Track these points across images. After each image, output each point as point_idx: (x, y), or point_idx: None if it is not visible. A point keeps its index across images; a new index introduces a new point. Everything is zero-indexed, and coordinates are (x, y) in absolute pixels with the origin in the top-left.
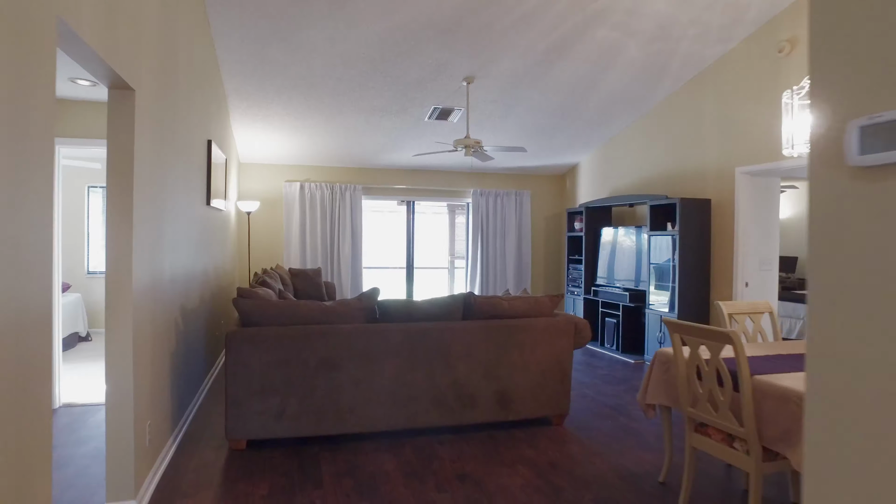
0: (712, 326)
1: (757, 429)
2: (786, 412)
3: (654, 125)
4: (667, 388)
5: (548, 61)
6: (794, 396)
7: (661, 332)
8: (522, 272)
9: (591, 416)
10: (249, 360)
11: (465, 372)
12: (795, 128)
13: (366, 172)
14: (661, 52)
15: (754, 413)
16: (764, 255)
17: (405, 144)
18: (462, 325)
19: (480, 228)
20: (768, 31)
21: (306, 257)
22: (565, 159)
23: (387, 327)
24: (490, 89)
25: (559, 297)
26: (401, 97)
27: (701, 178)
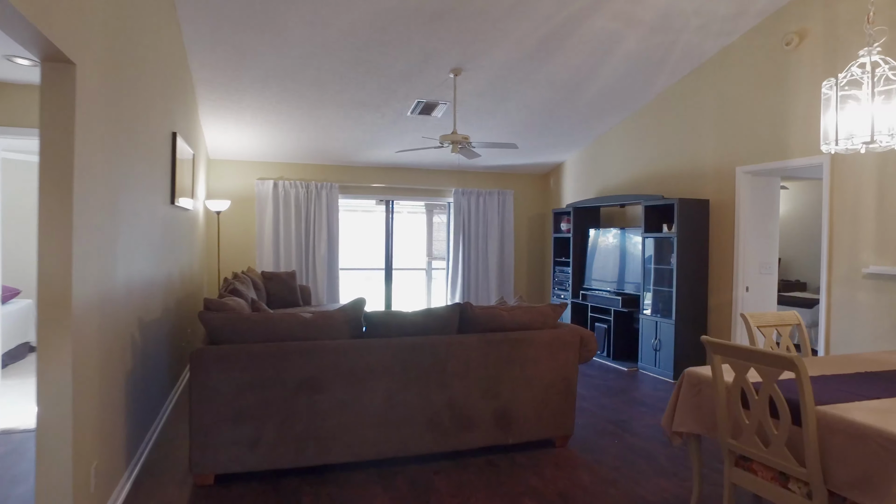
0: (767, 349)
1: (823, 470)
2: (862, 452)
3: (646, 123)
4: (698, 413)
5: (541, 53)
6: (873, 435)
7: (657, 338)
8: (505, 274)
9: (594, 435)
10: (219, 383)
11: (461, 391)
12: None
13: (343, 170)
14: (659, 46)
15: (819, 451)
16: (764, 258)
17: (386, 141)
18: (458, 338)
19: (462, 229)
20: (774, 23)
21: (280, 259)
22: (550, 158)
23: (375, 343)
24: (478, 82)
25: (562, 307)
26: (384, 90)
27: (698, 178)
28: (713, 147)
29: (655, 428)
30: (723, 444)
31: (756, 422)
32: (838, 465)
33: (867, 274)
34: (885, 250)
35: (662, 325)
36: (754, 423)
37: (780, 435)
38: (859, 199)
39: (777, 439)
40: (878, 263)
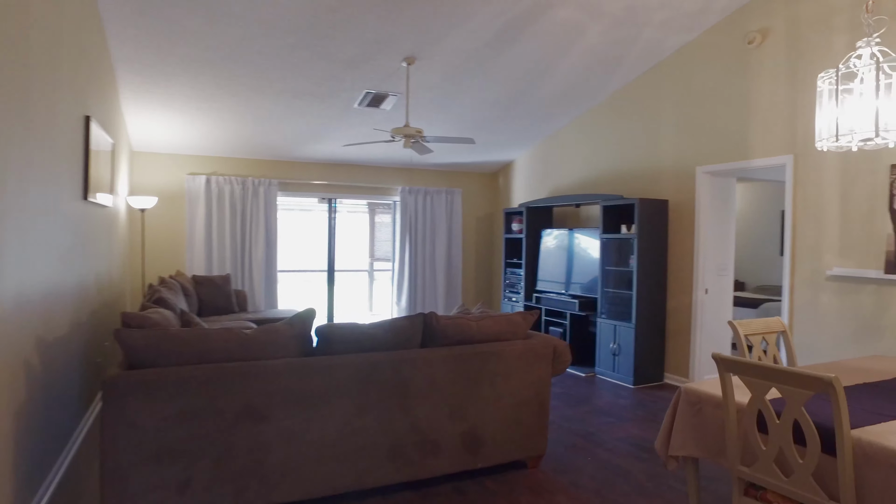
0: (797, 368)
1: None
2: None
3: (602, 121)
4: (699, 435)
5: (501, 43)
6: None
7: (616, 343)
8: (453, 276)
9: (565, 452)
10: (139, 416)
11: (426, 412)
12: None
13: (283, 166)
14: (621, 41)
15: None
16: (721, 259)
17: (330, 134)
18: (423, 353)
19: (409, 229)
20: (737, 21)
21: (213, 262)
22: (501, 156)
23: (329, 361)
24: (432, 73)
25: (533, 315)
26: (330, 78)
27: (656, 178)
28: (673, 146)
29: (626, 440)
30: (733, 472)
31: (776, 448)
32: (880, 501)
33: (830, 276)
34: (848, 252)
35: (621, 328)
36: (774, 449)
37: (806, 464)
38: (822, 200)
39: (803, 469)
40: (842, 265)
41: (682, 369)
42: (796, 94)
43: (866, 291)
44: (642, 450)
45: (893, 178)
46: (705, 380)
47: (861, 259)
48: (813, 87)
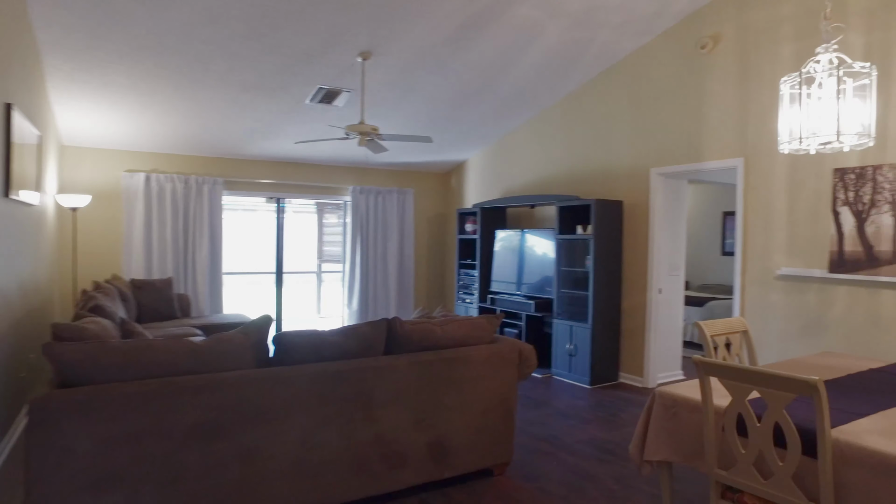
0: (779, 371)
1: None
2: (889, 488)
3: (557, 121)
4: (674, 439)
5: (459, 40)
6: None
7: (572, 343)
8: (405, 277)
9: (530, 456)
10: (74, 440)
11: (391, 423)
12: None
13: (229, 163)
14: (578, 41)
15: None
16: (673, 259)
17: (280, 131)
18: (387, 361)
19: (360, 229)
20: (690, 26)
21: (153, 265)
22: (454, 156)
23: (288, 372)
24: (388, 69)
25: (498, 319)
26: (282, 72)
27: (611, 179)
28: (627, 148)
29: (589, 443)
30: (710, 476)
31: (756, 451)
32: (858, 501)
33: (779, 275)
34: (795, 252)
35: (577, 329)
36: (753, 452)
37: (786, 467)
38: (771, 202)
39: (782, 471)
40: (790, 265)
41: (637, 368)
42: (747, 98)
43: (812, 290)
44: (606, 452)
45: (836, 182)
46: (679, 382)
47: (807, 259)
48: (762, 93)
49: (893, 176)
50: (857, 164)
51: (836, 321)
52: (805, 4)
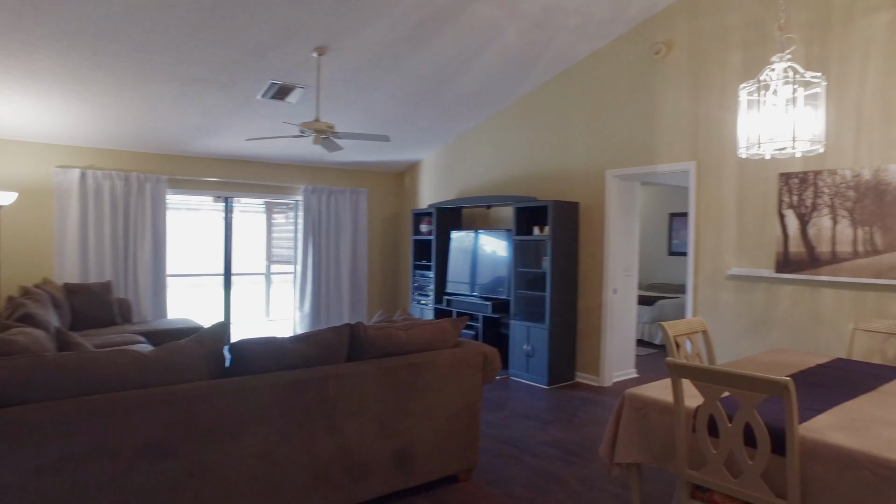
0: (751, 373)
1: (802, 500)
2: (853, 482)
3: (513, 123)
4: (644, 441)
5: (418, 37)
6: (865, 462)
7: (529, 344)
8: (358, 279)
9: (494, 461)
10: (2, 471)
11: (355, 432)
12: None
13: (173, 160)
14: (536, 42)
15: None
16: (627, 260)
17: (229, 127)
18: (351, 368)
19: (312, 230)
20: (644, 32)
21: (89, 268)
22: (408, 155)
23: (246, 382)
24: (344, 65)
25: (462, 322)
26: (232, 66)
27: (567, 180)
28: (583, 150)
29: (551, 444)
30: (682, 476)
31: (727, 451)
32: (822, 495)
33: (729, 275)
34: (744, 253)
35: (535, 330)
36: (724, 452)
37: (755, 465)
38: (721, 204)
39: (752, 470)
40: (739, 265)
41: (593, 368)
42: (698, 103)
43: (760, 289)
44: (569, 453)
45: (781, 186)
46: (647, 384)
47: (755, 259)
48: (712, 99)
49: (832, 181)
50: (801, 169)
51: (781, 319)
52: (751, 15)
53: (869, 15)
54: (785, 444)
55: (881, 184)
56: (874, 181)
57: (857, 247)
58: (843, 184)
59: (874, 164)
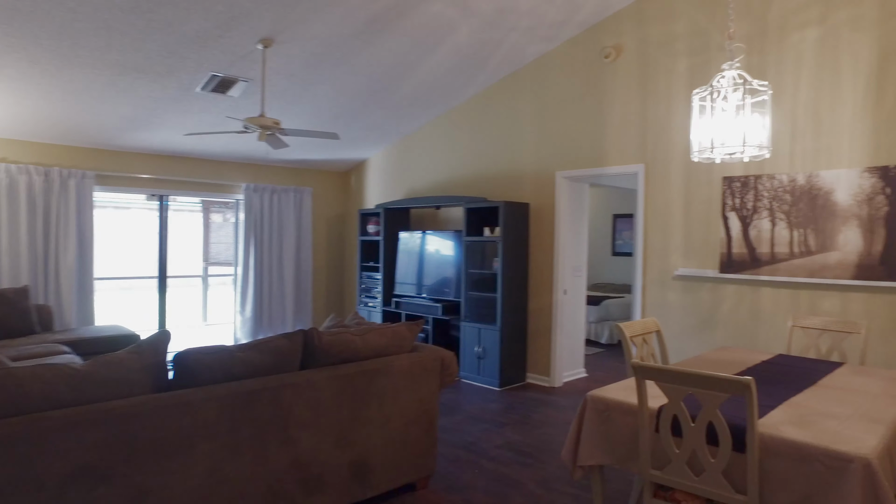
0: (715, 373)
1: (761, 495)
2: (806, 474)
3: (462, 122)
4: (608, 443)
5: (368, 32)
6: (819, 455)
7: (481, 346)
8: (302, 280)
9: (451, 466)
10: None
11: (310, 444)
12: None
13: (102, 155)
14: (488, 42)
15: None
16: (576, 261)
17: (165, 121)
18: (305, 376)
19: (254, 230)
20: (592, 36)
21: (1, 272)
22: (355, 154)
23: (192, 395)
24: (291, 59)
25: (418, 326)
26: (169, 55)
27: (517, 181)
28: (533, 151)
29: (506, 447)
30: (645, 476)
31: (690, 450)
32: (780, 489)
33: (676, 276)
34: (690, 254)
35: (486, 331)
36: (687, 451)
37: (717, 463)
38: (668, 206)
39: (714, 468)
40: (685, 266)
41: (544, 368)
42: (646, 107)
43: (705, 289)
44: (525, 455)
45: (725, 189)
46: (608, 386)
47: (701, 260)
48: (659, 103)
49: (771, 185)
50: (742, 173)
51: (725, 317)
52: (695, 25)
53: (801, 30)
54: (744, 441)
55: (814, 189)
56: (807, 186)
57: (793, 248)
58: (781, 188)
59: (807, 170)
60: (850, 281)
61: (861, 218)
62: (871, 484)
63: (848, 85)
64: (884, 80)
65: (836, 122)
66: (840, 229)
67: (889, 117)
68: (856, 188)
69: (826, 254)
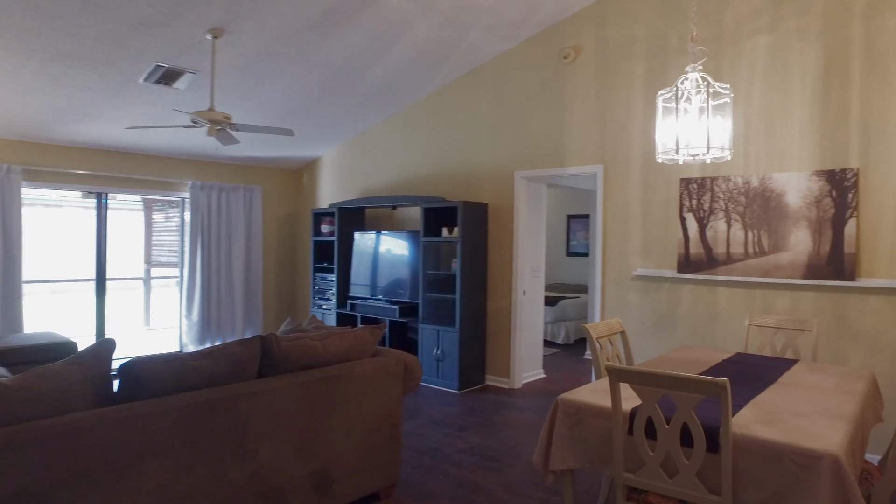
0: (690, 375)
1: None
2: (777, 472)
3: (419, 121)
4: (580, 447)
5: (324, 26)
6: (789, 453)
7: (439, 348)
8: (252, 282)
9: (415, 473)
10: None
11: (270, 456)
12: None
13: (31, 149)
14: (446, 40)
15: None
16: (534, 262)
17: (103, 113)
18: (264, 384)
19: (201, 230)
20: (552, 36)
21: None
22: (307, 152)
23: (140, 409)
24: (243, 51)
25: (380, 329)
26: (108, 42)
27: (476, 181)
28: (491, 151)
29: (470, 452)
30: (618, 479)
31: (664, 453)
32: (751, 488)
33: (635, 276)
34: (649, 254)
35: (445, 334)
36: (661, 453)
37: (691, 465)
38: (627, 207)
39: (688, 469)
40: (644, 266)
41: (503, 370)
42: (605, 108)
43: (663, 289)
44: (489, 460)
45: (682, 190)
46: (579, 388)
47: (659, 260)
48: (618, 104)
49: (726, 187)
50: (699, 175)
51: (683, 316)
52: (653, 28)
53: (753, 37)
54: (717, 441)
55: (767, 191)
56: (761, 188)
57: (748, 248)
58: (736, 190)
59: (761, 173)
60: (801, 280)
61: (810, 219)
62: (839, 479)
63: (797, 91)
64: (829, 88)
65: (787, 126)
66: (791, 230)
67: (834, 123)
68: (805, 191)
69: (779, 254)
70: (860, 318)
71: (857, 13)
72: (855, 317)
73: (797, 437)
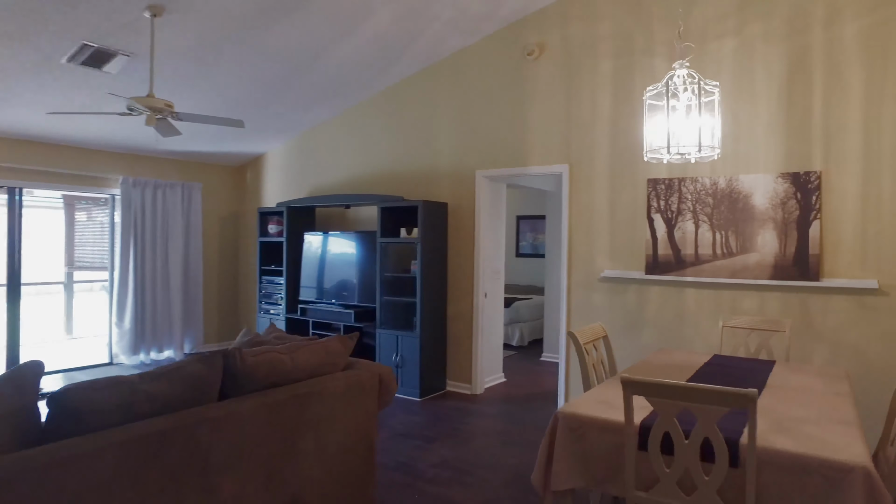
0: (715, 386)
1: None
2: (802, 486)
3: (374, 116)
4: (583, 464)
5: (277, 9)
6: (816, 465)
7: (399, 354)
8: (192, 287)
9: (388, 493)
10: None
11: (234, 489)
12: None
13: None
14: (407, 31)
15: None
16: (495, 263)
17: (17, 95)
18: (227, 407)
19: (133, 229)
20: (515, 32)
21: None
22: (251, 147)
23: (78, 447)
24: (186, 32)
25: (352, 340)
26: (24, 14)
27: (435, 180)
28: (451, 149)
29: (442, 466)
30: (629, 498)
31: (681, 469)
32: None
33: (602, 277)
34: (616, 255)
35: (404, 339)
36: (678, 470)
37: (712, 481)
38: (593, 208)
39: (708, 486)
40: (612, 267)
41: (464, 375)
42: (570, 107)
43: (631, 290)
44: (463, 473)
45: (650, 191)
46: (577, 400)
47: (627, 262)
48: (583, 103)
49: (694, 188)
50: (667, 175)
51: (651, 318)
52: (620, 26)
53: (719, 39)
54: (735, 455)
55: (734, 192)
56: (728, 190)
57: (716, 249)
58: (704, 191)
59: (728, 174)
60: (768, 281)
61: (776, 221)
62: (872, 492)
63: (762, 94)
64: (793, 91)
65: (753, 128)
66: (758, 231)
67: (798, 126)
68: (771, 192)
69: (746, 255)
70: (824, 317)
71: (817, 20)
72: (819, 316)
73: (820, 448)
